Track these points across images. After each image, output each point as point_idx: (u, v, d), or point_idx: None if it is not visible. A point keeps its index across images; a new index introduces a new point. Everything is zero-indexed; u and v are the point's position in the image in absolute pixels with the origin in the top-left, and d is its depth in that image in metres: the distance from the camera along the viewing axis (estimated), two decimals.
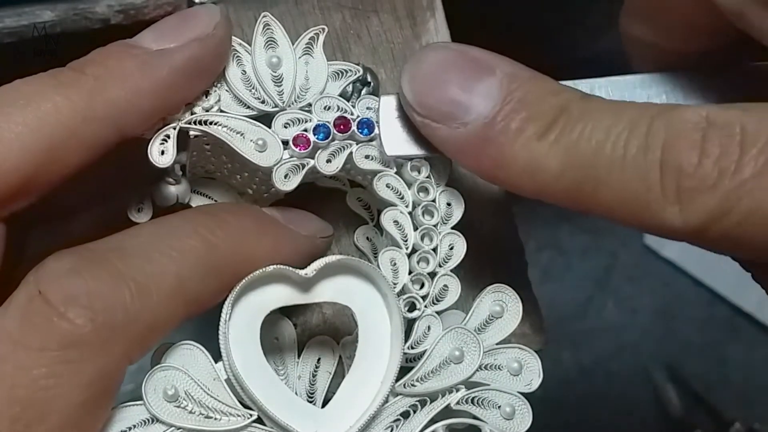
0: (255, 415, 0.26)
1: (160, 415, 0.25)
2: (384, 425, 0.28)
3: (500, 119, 0.26)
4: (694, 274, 0.79)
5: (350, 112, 0.29)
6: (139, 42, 0.27)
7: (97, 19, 0.33)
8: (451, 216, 0.30)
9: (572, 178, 0.25)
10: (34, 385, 0.22)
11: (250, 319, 0.27)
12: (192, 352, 0.26)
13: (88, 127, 0.25)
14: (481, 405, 0.28)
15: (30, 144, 0.24)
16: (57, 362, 0.22)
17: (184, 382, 0.26)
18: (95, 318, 0.23)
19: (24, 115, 0.24)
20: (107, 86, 0.25)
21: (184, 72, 0.27)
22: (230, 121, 0.28)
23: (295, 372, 0.31)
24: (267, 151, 0.28)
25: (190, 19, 0.27)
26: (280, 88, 0.29)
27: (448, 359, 0.28)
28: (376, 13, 0.35)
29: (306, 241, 0.29)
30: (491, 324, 0.29)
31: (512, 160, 0.26)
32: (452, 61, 0.27)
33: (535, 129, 0.25)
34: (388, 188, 0.29)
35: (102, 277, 0.23)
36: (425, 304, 0.29)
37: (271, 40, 0.29)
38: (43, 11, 0.33)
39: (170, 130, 0.28)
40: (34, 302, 0.23)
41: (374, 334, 0.28)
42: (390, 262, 0.29)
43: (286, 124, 0.29)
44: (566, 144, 0.25)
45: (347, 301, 0.28)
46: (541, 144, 0.25)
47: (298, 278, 0.27)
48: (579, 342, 0.78)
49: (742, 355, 0.80)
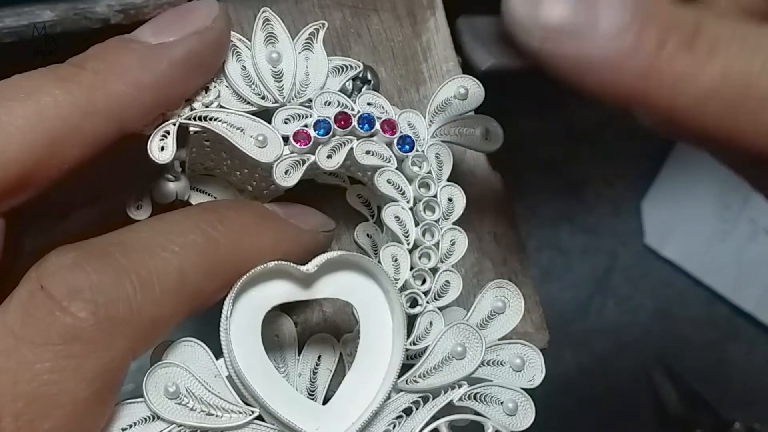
0: (256, 411, 0.26)
1: (161, 412, 0.25)
2: (386, 422, 0.28)
3: (637, 28, 0.23)
4: (694, 274, 0.79)
5: (351, 108, 0.29)
6: (138, 36, 0.27)
7: (97, 19, 0.33)
8: (453, 211, 0.30)
9: (731, 94, 0.22)
10: (38, 380, 0.22)
11: (251, 316, 0.27)
12: (193, 349, 0.26)
13: (89, 121, 0.25)
14: (483, 401, 0.28)
15: (31, 137, 0.24)
16: (60, 357, 0.22)
17: (185, 379, 0.26)
18: (98, 312, 0.23)
19: (24, 108, 0.24)
20: (107, 81, 0.25)
21: (183, 66, 0.26)
22: (230, 116, 0.28)
23: (295, 369, 0.31)
24: (267, 146, 0.28)
25: (188, 13, 0.27)
26: (280, 83, 0.29)
27: (451, 355, 0.28)
28: (377, 12, 0.35)
29: (308, 236, 0.29)
30: (493, 320, 0.29)
31: (659, 72, 0.23)
32: None
33: (680, 39, 0.23)
34: (389, 184, 0.29)
35: (105, 271, 0.23)
36: (427, 300, 0.29)
37: (271, 36, 0.29)
38: (43, 11, 0.33)
39: (170, 126, 0.28)
40: (37, 297, 0.23)
41: (376, 330, 0.28)
42: (391, 258, 0.29)
43: (287, 119, 0.29)
44: (725, 59, 0.22)
45: (349, 297, 0.28)
46: (692, 55, 0.23)
47: (299, 274, 0.27)
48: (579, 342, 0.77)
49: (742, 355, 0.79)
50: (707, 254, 0.76)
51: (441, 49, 0.35)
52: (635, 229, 0.79)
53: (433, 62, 0.35)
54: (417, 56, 0.35)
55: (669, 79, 0.23)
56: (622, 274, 0.79)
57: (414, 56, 0.35)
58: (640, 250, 0.80)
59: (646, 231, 0.79)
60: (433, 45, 0.35)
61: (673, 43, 0.23)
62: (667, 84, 0.23)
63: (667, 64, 0.23)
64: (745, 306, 0.79)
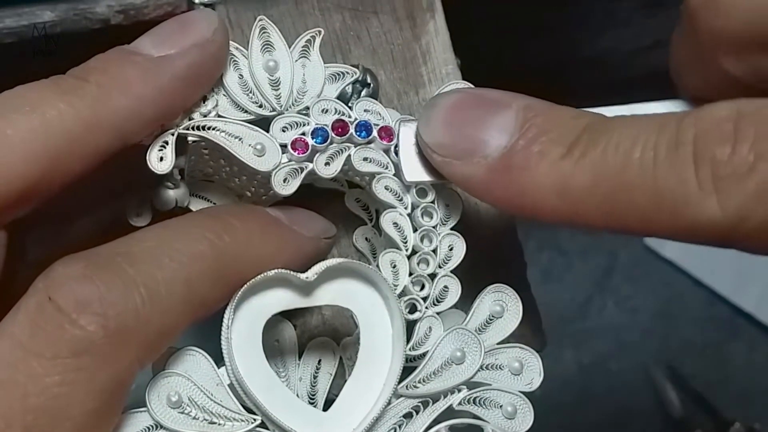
0: (259, 419, 0.26)
1: (164, 421, 0.25)
2: (387, 427, 0.28)
3: (521, 147, 0.25)
4: (694, 274, 0.79)
5: (348, 115, 0.29)
6: (139, 48, 0.27)
7: (97, 19, 0.33)
8: (450, 217, 0.30)
9: (604, 190, 0.24)
10: (47, 393, 0.22)
11: (251, 324, 0.27)
12: (195, 358, 0.26)
13: (92, 135, 0.25)
14: (483, 405, 0.28)
15: (35, 151, 0.24)
16: (69, 370, 0.22)
17: (188, 388, 0.26)
18: (107, 324, 0.23)
19: (29, 121, 0.24)
20: (111, 94, 0.25)
21: (185, 78, 0.27)
22: (228, 125, 0.28)
23: (296, 374, 0.31)
24: (265, 155, 0.28)
25: (188, 24, 0.27)
26: (277, 91, 0.29)
27: (450, 360, 0.28)
28: (376, 15, 0.35)
29: (310, 244, 0.29)
30: (492, 324, 0.29)
31: (539, 184, 0.25)
32: (466, 101, 0.27)
33: (559, 150, 0.25)
34: (387, 190, 0.29)
35: (113, 283, 0.23)
36: (426, 306, 0.29)
37: (267, 44, 0.29)
38: (43, 11, 0.33)
39: (168, 137, 0.28)
40: (45, 309, 0.23)
41: (376, 336, 0.28)
42: (390, 264, 0.29)
43: (284, 127, 0.29)
44: (593, 158, 0.24)
45: (348, 304, 0.28)
46: (566, 162, 0.25)
47: (299, 282, 0.27)
48: (579, 342, 0.78)
49: (742, 355, 0.80)
50: (707, 254, 0.76)
51: (440, 52, 0.35)
52: None
53: (432, 65, 0.35)
54: (416, 59, 0.35)
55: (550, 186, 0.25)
56: (622, 274, 0.80)
57: (413, 59, 0.35)
58: (640, 250, 0.80)
59: None
60: (432, 48, 0.35)
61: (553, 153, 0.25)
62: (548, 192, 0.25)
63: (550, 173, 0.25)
64: (745, 306, 0.79)
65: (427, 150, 0.28)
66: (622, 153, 0.24)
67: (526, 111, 0.26)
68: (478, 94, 0.27)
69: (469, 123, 0.26)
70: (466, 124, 0.26)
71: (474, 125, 0.26)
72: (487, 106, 0.26)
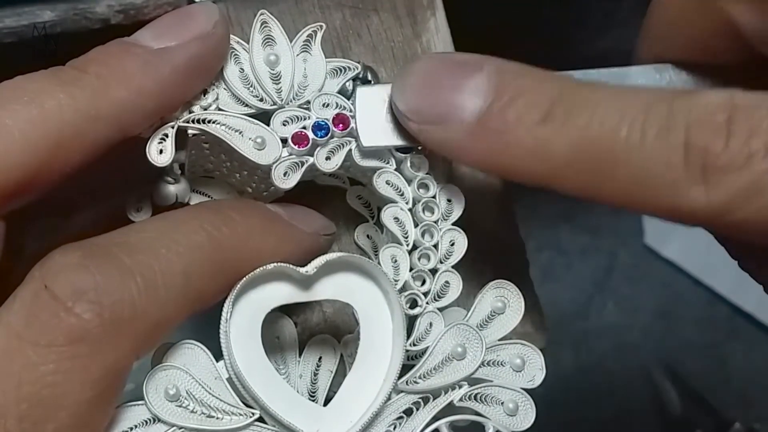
0: (257, 414, 0.26)
1: (161, 414, 0.25)
2: (387, 423, 0.28)
3: (496, 110, 0.25)
4: (694, 274, 0.79)
5: (349, 109, 0.29)
6: (140, 40, 0.27)
7: (97, 19, 0.33)
8: (452, 212, 0.30)
9: (585, 161, 0.24)
10: (42, 382, 0.22)
11: (251, 318, 0.27)
12: (193, 352, 0.26)
13: (92, 126, 0.25)
14: (484, 401, 0.28)
15: (34, 142, 0.24)
16: (64, 358, 0.22)
17: (186, 381, 0.26)
18: (103, 313, 0.23)
19: (29, 112, 0.24)
20: (110, 86, 0.25)
21: (185, 71, 0.26)
22: (228, 119, 0.28)
23: (296, 371, 0.31)
24: (266, 149, 0.28)
25: (189, 17, 0.27)
26: (278, 85, 0.29)
27: (451, 356, 0.28)
28: (377, 12, 0.35)
29: (309, 239, 0.29)
30: (493, 320, 0.29)
31: (516, 146, 0.25)
32: (439, 66, 0.27)
33: (536, 114, 0.25)
34: (388, 185, 0.29)
35: (109, 272, 0.23)
36: (427, 301, 0.29)
37: (268, 38, 0.29)
38: (43, 11, 0.33)
39: (168, 129, 0.28)
40: (41, 297, 0.23)
41: (376, 331, 0.28)
42: (391, 259, 0.29)
43: (285, 121, 0.29)
44: (574, 128, 0.24)
45: (348, 299, 0.28)
46: (545, 128, 0.25)
47: (298, 276, 0.27)
48: (579, 342, 0.77)
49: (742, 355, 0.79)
50: (707, 254, 0.76)
51: (441, 50, 0.35)
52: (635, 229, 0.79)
53: None
54: (417, 57, 0.35)
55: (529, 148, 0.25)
56: (622, 274, 0.79)
57: (414, 57, 0.35)
58: (640, 250, 0.80)
59: (646, 231, 0.79)
60: (433, 45, 0.35)
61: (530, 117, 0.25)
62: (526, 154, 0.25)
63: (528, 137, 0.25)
64: (745, 306, 0.79)
65: (403, 118, 0.28)
66: (608, 128, 0.24)
67: (499, 73, 0.26)
68: (449, 58, 0.27)
69: (443, 87, 0.26)
70: (439, 88, 0.27)
71: (448, 89, 0.26)
72: (459, 70, 0.26)
